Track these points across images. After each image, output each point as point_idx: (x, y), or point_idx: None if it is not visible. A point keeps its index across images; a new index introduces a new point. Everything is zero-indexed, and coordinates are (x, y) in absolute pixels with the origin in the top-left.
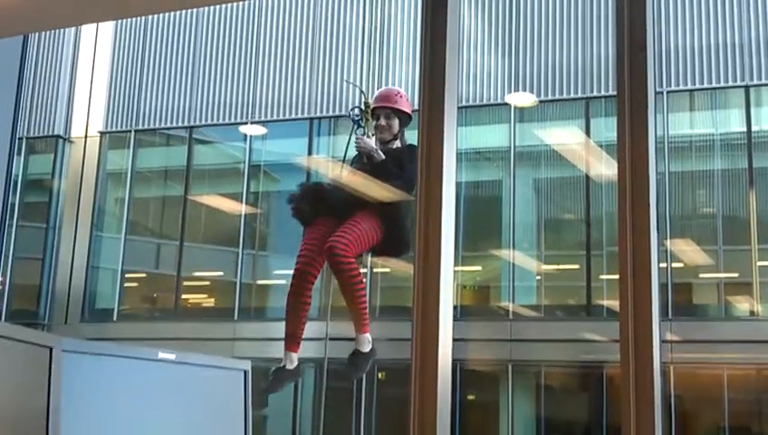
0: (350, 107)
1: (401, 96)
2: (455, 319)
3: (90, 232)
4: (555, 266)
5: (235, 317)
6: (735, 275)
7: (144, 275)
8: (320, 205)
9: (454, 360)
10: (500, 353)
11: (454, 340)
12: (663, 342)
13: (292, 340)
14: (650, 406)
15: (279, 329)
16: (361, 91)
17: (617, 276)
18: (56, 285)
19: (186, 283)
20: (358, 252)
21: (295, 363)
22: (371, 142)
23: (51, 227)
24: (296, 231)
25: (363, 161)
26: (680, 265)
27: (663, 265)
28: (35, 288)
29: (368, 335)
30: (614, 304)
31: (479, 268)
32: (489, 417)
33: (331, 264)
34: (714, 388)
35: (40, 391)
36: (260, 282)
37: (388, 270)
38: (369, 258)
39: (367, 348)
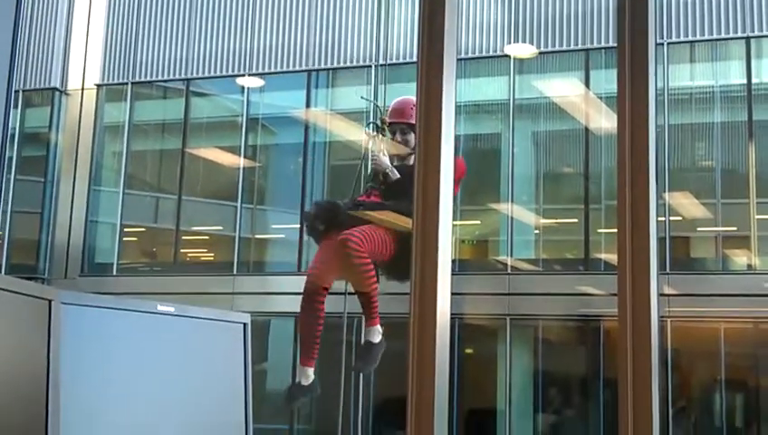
0: (348, 60)
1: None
2: (453, 273)
3: (88, 186)
4: (554, 220)
5: (234, 271)
6: (734, 228)
7: (143, 229)
8: (334, 224)
9: (452, 314)
10: (498, 307)
11: (452, 294)
12: (660, 295)
13: (306, 356)
14: (647, 359)
15: (278, 283)
16: (376, 106)
17: (615, 230)
18: (55, 240)
19: (184, 237)
20: (371, 249)
21: (311, 379)
22: (386, 160)
23: (49, 180)
24: (295, 185)
25: (379, 179)
26: (678, 218)
27: (661, 218)
28: (34, 242)
29: (378, 327)
30: (612, 257)
31: (478, 222)
32: (487, 370)
33: (344, 255)
34: (710, 341)
35: (40, 343)
36: (259, 236)
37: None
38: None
39: (377, 339)
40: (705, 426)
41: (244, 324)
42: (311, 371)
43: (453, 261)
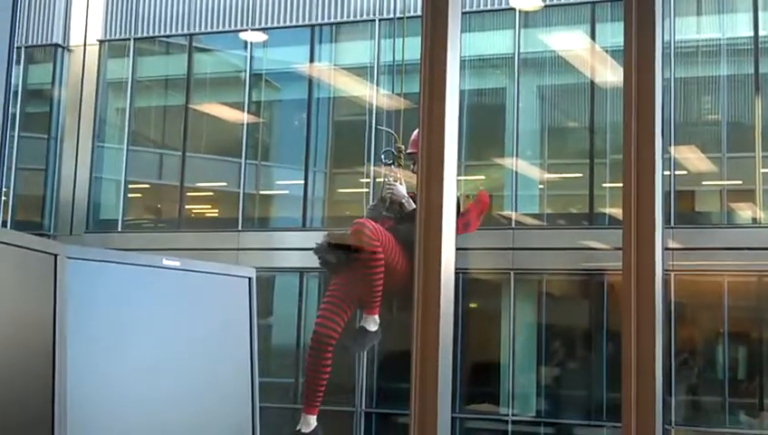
0: (351, 14)
1: None
2: None
3: (92, 142)
4: (558, 175)
5: (239, 227)
6: (739, 182)
7: (147, 185)
8: (345, 255)
9: (456, 269)
10: (502, 262)
11: (457, 249)
12: (665, 249)
13: (309, 403)
14: (651, 313)
15: (282, 239)
16: (393, 135)
17: (620, 184)
18: (60, 196)
19: (189, 193)
20: (384, 242)
21: (312, 427)
22: (403, 190)
23: (52, 137)
24: (299, 141)
25: (395, 208)
26: (684, 172)
27: (667, 172)
28: (39, 199)
29: (376, 317)
30: (616, 212)
31: (482, 177)
32: (491, 324)
33: (355, 241)
34: (714, 295)
35: (46, 298)
36: (263, 192)
37: (391, 179)
38: (372, 167)
39: (373, 328)
40: (707, 378)
41: (250, 278)
42: (313, 419)
43: None
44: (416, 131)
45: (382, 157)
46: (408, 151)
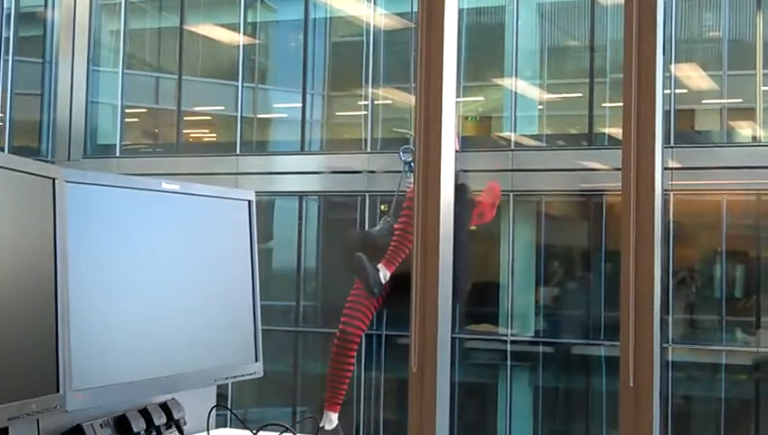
0: None
1: None
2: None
3: (86, 66)
4: (558, 95)
5: (238, 151)
6: (739, 100)
7: (144, 109)
8: (370, 254)
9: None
10: (501, 183)
11: (457, 171)
12: (664, 169)
13: (332, 401)
14: (650, 233)
15: (281, 163)
16: (412, 136)
17: (619, 104)
18: (57, 121)
19: (186, 117)
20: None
21: (334, 423)
22: None
23: (47, 61)
24: (296, 63)
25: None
26: (684, 91)
27: (667, 91)
28: (36, 124)
29: (388, 273)
30: (616, 132)
31: (481, 98)
32: (490, 245)
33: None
34: (713, 214)
35: (45, 222)
36: (261, 116)
37: (389, 102)
38: (371, 90)
39: (384, 278)
40: (705, 297)
41: (249, 201)
42: (335, 416)
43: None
44: None
45: (400, 154)
46: None
